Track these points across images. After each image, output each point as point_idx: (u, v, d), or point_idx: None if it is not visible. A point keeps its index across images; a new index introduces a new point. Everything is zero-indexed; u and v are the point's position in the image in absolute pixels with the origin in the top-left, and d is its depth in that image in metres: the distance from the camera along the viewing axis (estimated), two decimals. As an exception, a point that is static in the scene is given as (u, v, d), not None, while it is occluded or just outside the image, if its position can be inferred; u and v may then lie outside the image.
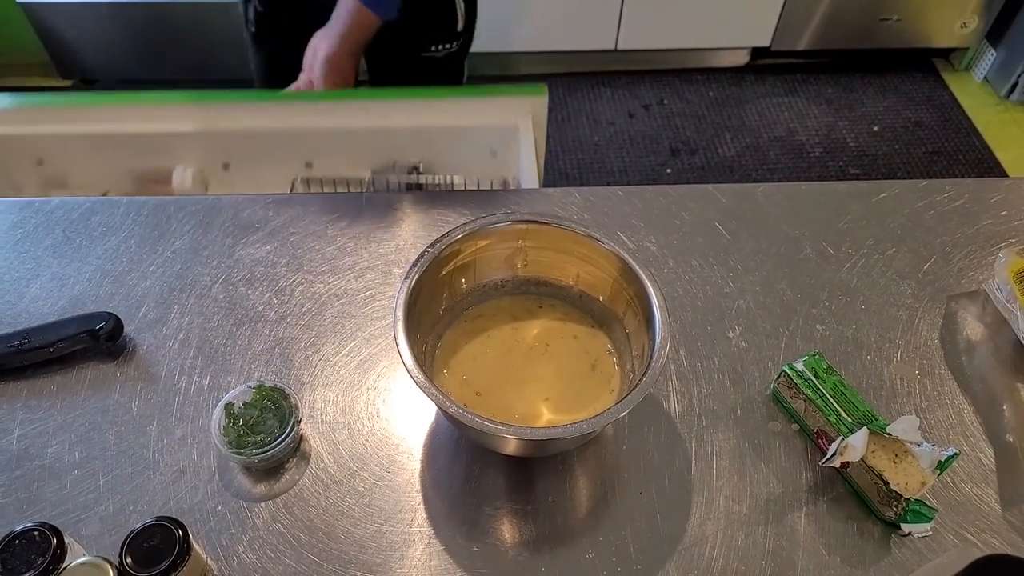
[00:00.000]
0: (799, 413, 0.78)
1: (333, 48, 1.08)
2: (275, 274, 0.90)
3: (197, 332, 0.85)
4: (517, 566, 0.70)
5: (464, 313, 0.82)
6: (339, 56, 1.09)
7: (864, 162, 2.57)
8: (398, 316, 0.69)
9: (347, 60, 1.10)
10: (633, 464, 0.76)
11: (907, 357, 0.84)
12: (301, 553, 0.70)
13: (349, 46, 1.09)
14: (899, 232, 0.95)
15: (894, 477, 0.70)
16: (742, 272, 0.91)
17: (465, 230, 0.76)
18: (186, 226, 0.94)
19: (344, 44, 1.09)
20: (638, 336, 0.76)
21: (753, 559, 0.71)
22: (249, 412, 0.75)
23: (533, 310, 0.82)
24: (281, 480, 0.74)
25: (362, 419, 0.79)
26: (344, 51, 1.09)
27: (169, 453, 0.76)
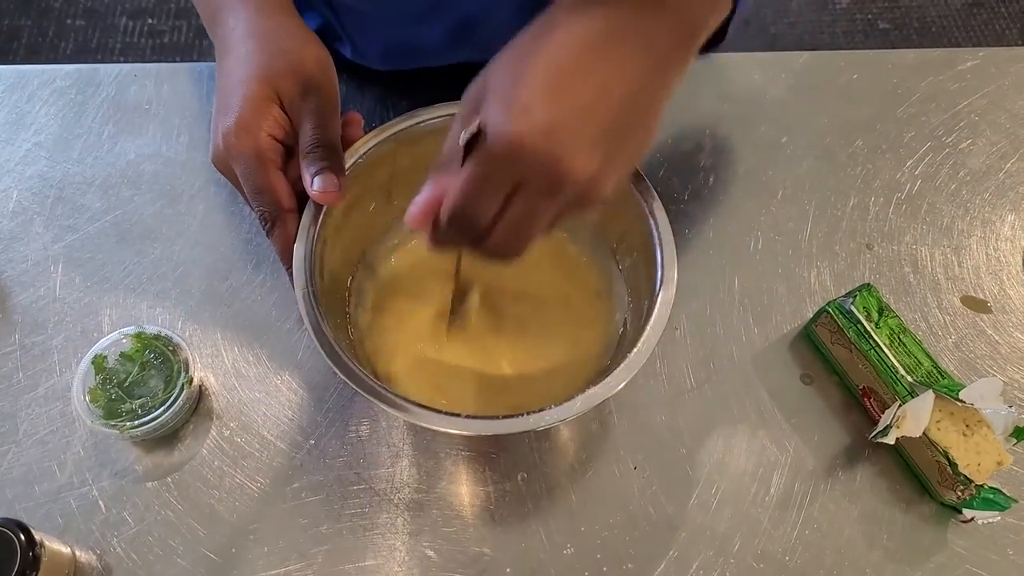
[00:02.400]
0: (841, 364, 0.61)
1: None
2: (170, 175, 0.69)
3: (66, 252, 0.65)
4: (476, 567, 0.55)
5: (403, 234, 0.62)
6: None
7: (896, 15, 2.29)
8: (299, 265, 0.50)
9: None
10: (625, 429, 0.60)
11: (985, 290, 0.66)
12: (197, 550, 0.55)
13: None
14: (976, 119, 0.74)
15: (963, 456, 0.54)
16: (770, 172, 0.71)
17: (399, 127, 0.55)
18: (53, 108, 0.72)
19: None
20: (633, 275, 0.57)
21: (774, 551, 0.56)
22: (125, 368, 0.57)
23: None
24: (173, 453, 0.58)
25: (281, 372, 0.61)
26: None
27: (27, 418, 0.59)
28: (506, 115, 0.37)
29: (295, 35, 0.55)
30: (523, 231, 0.41)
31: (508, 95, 0.38)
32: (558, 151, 0.37)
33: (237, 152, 0.50)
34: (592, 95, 0.38)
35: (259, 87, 0.51)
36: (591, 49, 0.38)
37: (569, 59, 0.38)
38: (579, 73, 0.38)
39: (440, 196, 0.41)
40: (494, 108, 0.38)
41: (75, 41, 2.04)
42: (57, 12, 2.09)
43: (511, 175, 0.38)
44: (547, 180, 0.38)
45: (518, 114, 0.37)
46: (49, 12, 2.09)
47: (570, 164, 0.37)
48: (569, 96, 0.37)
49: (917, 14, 2.28)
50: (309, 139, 0.52)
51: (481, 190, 0.39)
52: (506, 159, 0.37)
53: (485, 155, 0.38)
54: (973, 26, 2.25)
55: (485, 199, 0.39)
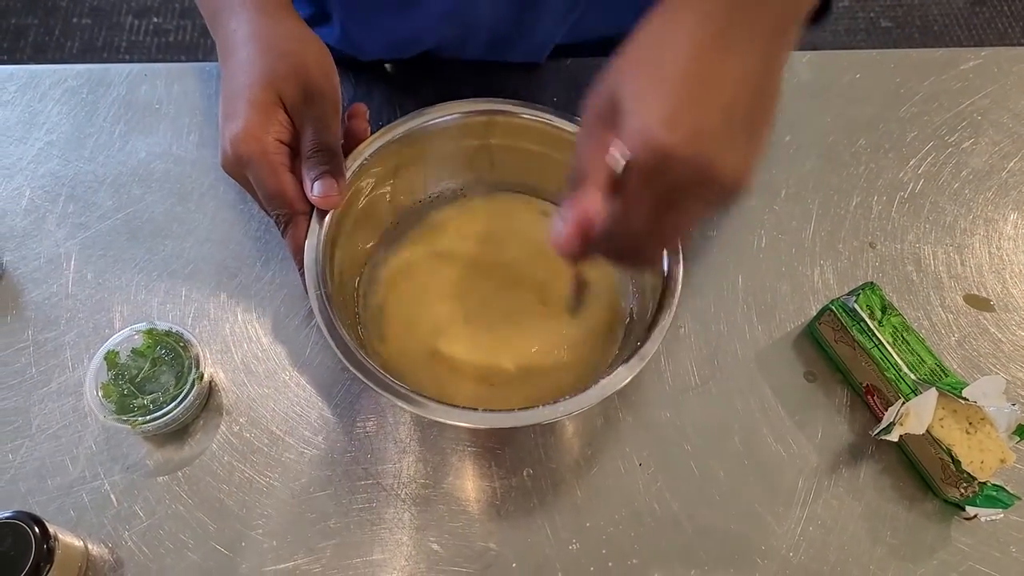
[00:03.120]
0: (844, 362, 0.61)
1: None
2: (181, 173, 0.70)
3: (78, 249, 0.66)
4: (482, 562, 0.56)
5: (412, 232, 0.63)
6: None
7: (898, 13, 2.28)
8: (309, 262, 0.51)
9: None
10: (630, 425, 0.60)
11: (988, 289, 0.66)
12: (207, 543, 0.55)
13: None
14: (979, 118, 0.74)
15: (966, 454, 0.55)
16: (773, 170, 0.71)
17: (411, 123, 0.56)
18: (65, 107, 0.73)
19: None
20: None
21: (778, 548, 0.56)
22: (137, 364, 0.58)
23: (504, 224, 0.63)
24: (183, 448, 0.59)
25: (290, 368, 0.62)
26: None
27: (40, 413, 0.59)
28: (652, 129, 0.37)
29: (296, 36, 0.55)
30: (676, 236, 0.42)
31: (647, 107, 0.38)
32: (708, 155, 0.37)
33: (247, 158, 0.51)
34: (725, 93, 0.38)
35: (263, 92, 0.52)
36: (711, 48, 0.39)
37: (695, 61, 0.38)
38: (708, 73, 0.38)
39: (586, 217, 0.41)
40: (637, 124, 0.38)
41: (81, 40, 2.05)
42: (63, 11, 2.10)
43: (664, 185, 0.38)
44: (700, 185, 0.38)
45: (663, 125, 0.37)
46: (56, 11, 2.10)
47: (720, 165, 0.38)
48: (705, 98, 0.38)
49: (919, 12, 2.28)
50: (310, 144, 0.52)
51: (638, 205, 0.39)
52: (659, 172, 0.38)
53: (638, 171, 0.38)
54: (975, 24, 2.25)
55: (641, 213, 0.39)
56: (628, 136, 0.38)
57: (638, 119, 0.38)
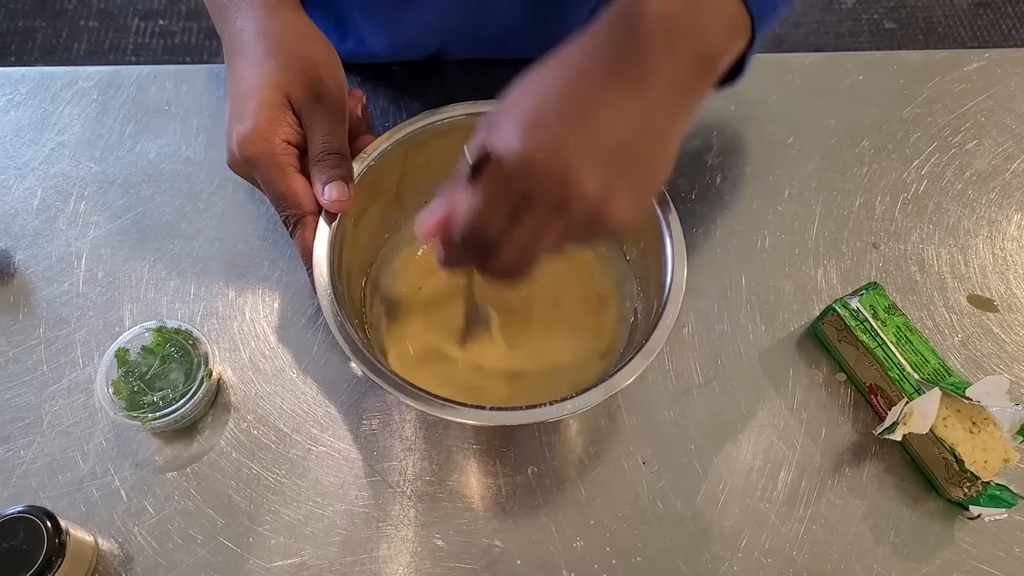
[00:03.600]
0: (848, 362, 0.62)
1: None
2: (190, 173, 0.71)
3: (88, 249, 0.67)
4: (487, 558, 0.56)
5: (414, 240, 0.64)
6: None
7: (901, 14, 2.28)
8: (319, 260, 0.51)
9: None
10: (634, 424, 0.61)
11: (991, 289, 0.66)
12: (216, 539, 0.56)
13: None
14: (982, 119, 0.75)
15: (969, 453, 0.55)
16: (777, 171, 0.72)
17: (417, 125, 0.57)
18: (76, 108, 0.73)
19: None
20: (641, 264, 0.58)
21: (782, 547, 0.57)
22: (147, 361, 0.58)
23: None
24: (192, 445, 0.59)
25: (297, 366, 0.62)
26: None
27: (51, 409, 0.60)
28: (515, 132, 0.38)
29: (303, 36, 0.55)
30: (530, 249, 0.41)
31: (518, 114, 0.38)
32: (565, 168, 0.38)
33: (255, 159, 0.51)
34: (603, 119, 0.38)
35: (271, 93, 0.52)
36: (604, 76, 0.39)
37: (582, 83, 0.39)
38: (591, 97, 0.38)
39: (450, 211, 0.42)
40: (505, 126, 0.39)
41: (88, 42, 2.06)
42: (71, 14, 2.12)
43: (519, 191, 0.39)
44: (554, 196, 0.38)
45: (527, 131, 0.38)
46: (63, 14, 2.12)
47: (576, 182, 0.38)
48: (579, 118, 0.38)
49: (923, 14, 2.28)
50: (319, 147, 0.52)
51: (490, 205, 0.40)
52: (514, 175, 0.38)
53: (495, 173, 0.39)
54: (979, 26, 2.25)
55: (493, 214, 0.40)
56: (495, 138, 0.39)
57: (507, 124, 0.38)
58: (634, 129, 0.39)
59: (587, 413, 0.61)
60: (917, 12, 2.28)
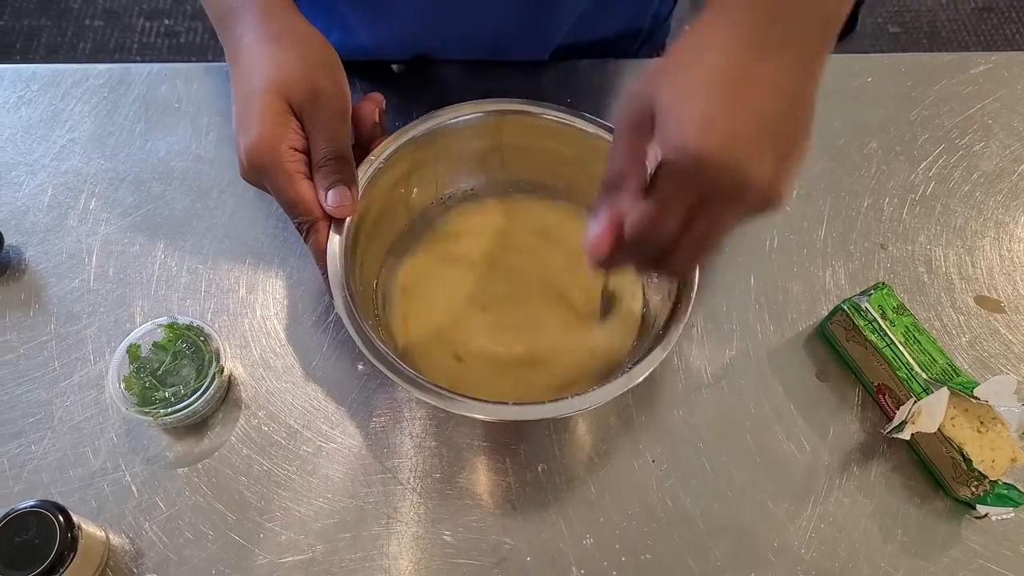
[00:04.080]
0: (856, 361, 0.62)
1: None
2: (200, 171, 0.71)
3: (99, 245, 0.67)
4: (497, 555, 0.56)
5: (427, 234, 0.64)
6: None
7: (906, 18, 2.29)
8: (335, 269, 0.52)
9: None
10: (643, 423, 0.61)
11: (998, 291, 0.67)
12: (226, 534, 0.56)
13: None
14: (989, 122, 0.75)
15: (977, 452, 0.55)
16: (789, 172, 0.72)
17: (423, 126, 0.57)
18: (87, 106, 0.74)
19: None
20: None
21: (790, 544, 0.57)
22: (159, 357, 0.59)
23: (518, 224, 0.64)
24: (203, 441, 0.59)
25: (307, 363, 0.63)
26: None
27: (62, 405, 0.60)
28: (687, 132, 0.37)
29: (301, 38, 0.54)
30: (708, 244, 0.41)
31: (684, 112, 0.38)
32: (741, 161, 0.38)
33: (263, 169, 0.51)
34: (761, 101, 0.38)
35: (273, 100, 0.51)
36: (748, 57, 0.39)
37: (731, 69, 0.39)
38: (744, 81, 0.38)
39: (618, 220, 0.41)
40: (672, 127, 0.38)
41: (93, 41, 2.07)
42: (76, 13, 2.12)
43: (697, 191, 0.39)
44: (733, 191, 0.38)
45: (699, 130, 0.37)
46: (68, 13, 2.12)
47: (753, 172, 0.38)
48: (740, 106, 0.38)
49: (927, 18, 2.28)
50: (321, 153, 0.52)
51: (669, 211, 0.40)
52: (692, 175, 0.38)
53: (670, 174, 0.39)
54: (983, 30, 2.25)
55: (673, 218, 0.40)
56: (662, 141, 0.38)
57: (673, 124, 0.38)
58: (786, 103, 0.39)
59: (597, 411, 0.61)
60: (921, 16, 2.28)
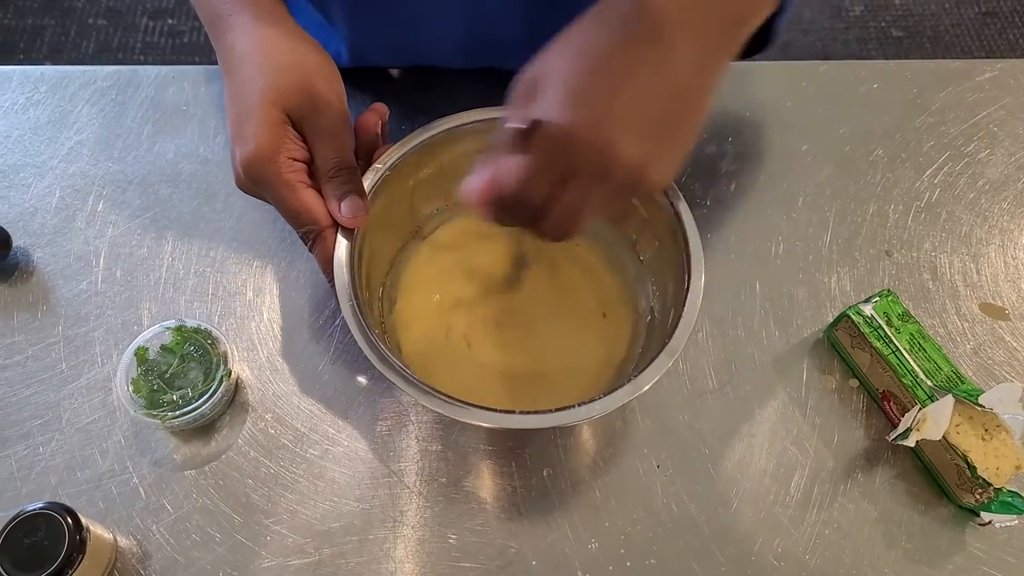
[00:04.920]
0: (861, 368, 0.62)
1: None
2: (207, 174, 0.71)
3: (107, 248, 0.67)
4: (502, 559, 0.56)
5: (428, 241, 0.64)
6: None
7: (909, 23, 2.29)
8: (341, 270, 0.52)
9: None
10: (648, 428, 0.61)
11: (1003, 298, 0.67)
12: (233, 537, 0.57)
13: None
14: (995, 129, 0.75)
15: (982, 460, 0.55)
16: (791, 178, 0.72)
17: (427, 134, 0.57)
18: (95, 108, 0.74)
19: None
20: (656, 266, 0.59)
21: (795, 550, 0.57)
22: (166, 360, 0.59)
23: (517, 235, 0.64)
24: (210, 443, 0.60)
25: (314, 366, 0.63)
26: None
27: (70, 407, 0.60)
28: (561, 107, 0.39)
29: (295, 47, 0.53)
30: (576, 215, 0.43)
31: (562, 88, 0.40)
32: (610, 140, 0.39)
33: (263, 181, 0.50)
34: (639, 87, 0.39)
35: (269, 111, 0.50)
36: (639, 42, 0.40)
37: (619, 52, 0.40)
38: (628, 65, 0.39)
39: (495, 178, 0.43)
40: (549, 100, 0.40)
41: (97, 40, 2.07)
42: (79, 12, 2.12)
43: (565, 162, 0.40)
44: (599, 167, 0.40)
45: (572, 105, 0.39)
46: (71, 12, 2.12)
47: (621, 151, 0.39)
48: (617, 89, 0.39)
49: (931, 23, 2.28)
50: (329, 164, 0.51)
51: (537, 176, 0.41)
52: (561, 148, 0.40)
53: (541, 144, 0.40)
54: (986, 35, 2.25)
55: (540, 184, 0.41)
56: (540, 111, 0.40)
57: (551, 98, 0.40)
58: (668, 95, 0.40)
59: (602, 416, 0.61)
60: (924, 21, 2.28)
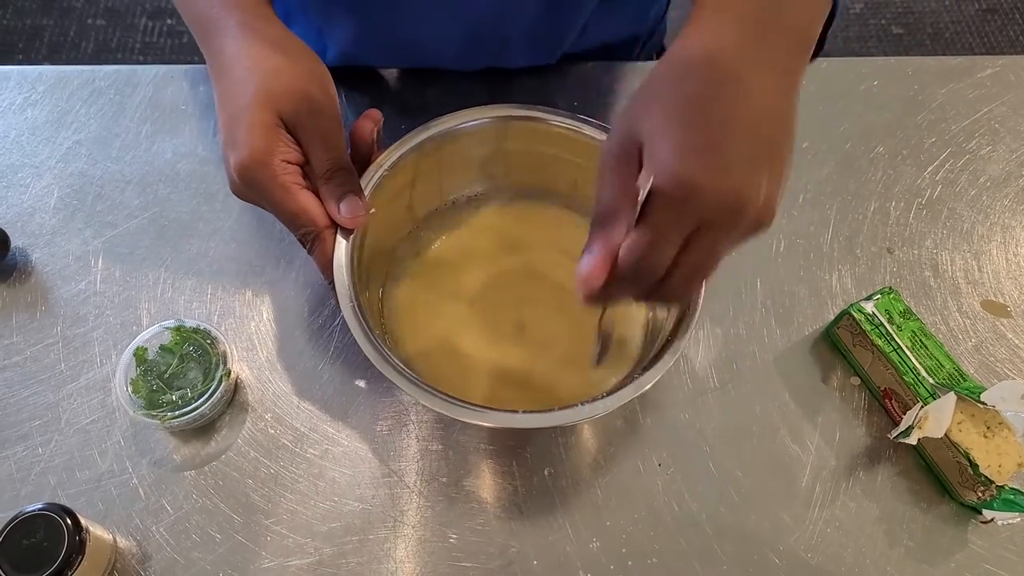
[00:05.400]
0: (863, 366, 0.62)
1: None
2: (206, 173, 0.71)
3: (105, 247, 0.67)
4: (503, 559, 0.56)
5: (431, 241, 0.64)
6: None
7: (909, 20, 2.28)
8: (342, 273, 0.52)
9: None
10: (649, 427, 0.61)
11: (1005, 295, 0.67)
12: (233, 537, 0.56)
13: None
14: (996, 125, 0.75)
15: (984, 458, 0.55)
16: (791, 176, 0.72)
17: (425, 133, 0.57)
18: (93, 108, 0.74)
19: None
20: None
21: (796, 549, 0.57)
22: (166, 360, 0.59)
23: (522, 230, 0.64)
24: (210, 444, 0.60)
25: (314, 366, 0.63)
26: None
27: (69, 407, 0.60)
28: (678, 160, 0.37)
29: (286, 49, 0.53)
30: (704, 270, 0.41)
31: (673, 139, 0.38)
32: (735, 185, 0.37)
33: (258, 186, 0.49)
34: (747, 123, 0.38)
35: (262, 114, 0.49)
36: (734, 78, 0.39)
37: (719, 92, 0.38)
38: (731, 104, 0.38)
39: (611, 252, 0.40)
40: (662, 154, 0.38)
41: (96, 40, 2.07)
42: (78, 12, 2.12)
43: (692, 218, 0.38)
44: (729, 215, 0.38)
45: (689, 156, 0.37)
46: (70, 12, 2.12)
47: (747, 194, 0.38)
48: (729, 129, 0.38)
49: (931, 19, 2.28)
50: (325, 166, 0.51)
51: (665, 240, 0.39)
52: (686, 203, 0.37)
53: (663, 202, 0.38)
54: (987, 32, 2.25)
55: (668, 246, 0.39)
56: (653, 169, 0.38)
57: (662, 151, 0.38)
58: (771, 122, 0.39)
59: (603, 416, 0.61)
60: (925, 18, 2.28)
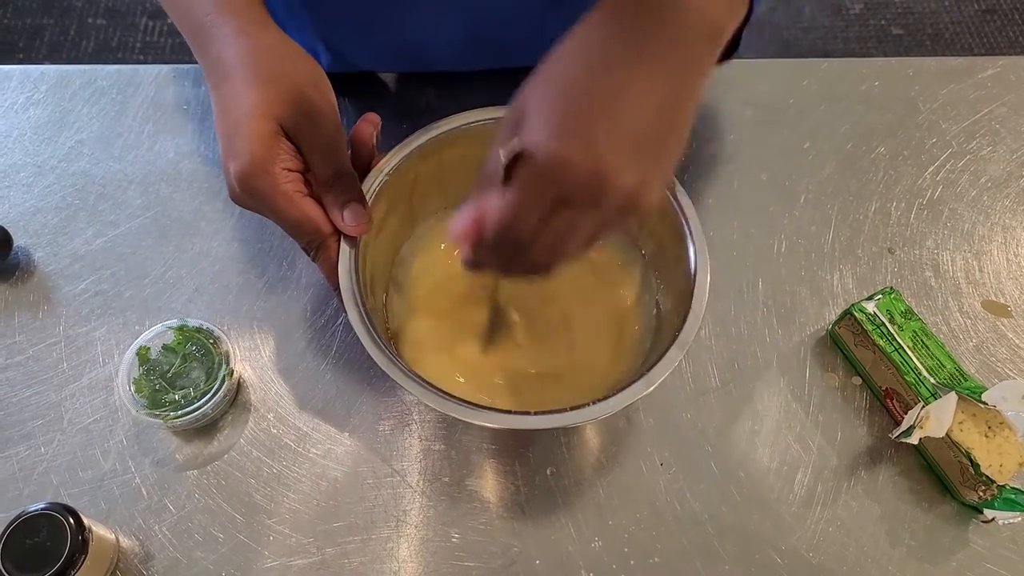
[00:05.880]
0: (864, 365, 0.62)
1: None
2: (208, 173, 0.71)
3: (108, 247, 0.67)
4: (506, 558, 0.56)
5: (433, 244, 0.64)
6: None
7: (909, 20, 2.29)
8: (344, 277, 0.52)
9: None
10: (651, 426, 0.61)
11: (1006, 295, 0.67)
12: (235, 537, 0.56)
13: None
14: (997, 126, 0.75)
15: (985, 457, 0.55)
16: (793, 176, 0.72)
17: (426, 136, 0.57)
18: (95, 107, 0.74)
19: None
20: (659, 260, 0.58)
21: (798, 548, 0.57)
22: (168, 359, 0.59)
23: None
24: (212, 443, 0.60)
25: (317, 366, 0.63)
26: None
27: (71, 407, 0.60)
28: (548, 133, 0.38)
29: (283, 56, 0.52)
30: (563, 245, 0.41)
31: (548, 114, 0.38)
32: (601, 165, 0.38)
33: (260, 194, 0.49)
34: (628, 108, 0.38)
35: (260, 123, 0.49)
36: (622, 63, 0.39)
37: (603, 75, 0.39)
38: (614, 88, 0.39)
39: (482, 215, 0.41)
40: (535, 128, 0.38)
41: (96, 40, 2.07)
42: (79, 11, 2.12)
43: (555, 191, 0.39)
44: (591, 194, 0.38)
45: (559, 131, 0.38)
46: (71, 11, 2.12)
47: (613, 176, 0.38)
48: (606, 110, 0.38)
49: (931, 20, 2.28)
50: (327, 173, 0.51)
51: (525, 207, 0.39)
52: (550, 176, 0.38)
53: (529, 173, 0.39)
54: (986, 33, 2.25)
55: (529, 216, 0.40)
56: (524, 139, 0.38)
57: (537, 125, 0.38)
58: (655, 112, 0.39)
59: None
60: (924, 18, 2.28)
